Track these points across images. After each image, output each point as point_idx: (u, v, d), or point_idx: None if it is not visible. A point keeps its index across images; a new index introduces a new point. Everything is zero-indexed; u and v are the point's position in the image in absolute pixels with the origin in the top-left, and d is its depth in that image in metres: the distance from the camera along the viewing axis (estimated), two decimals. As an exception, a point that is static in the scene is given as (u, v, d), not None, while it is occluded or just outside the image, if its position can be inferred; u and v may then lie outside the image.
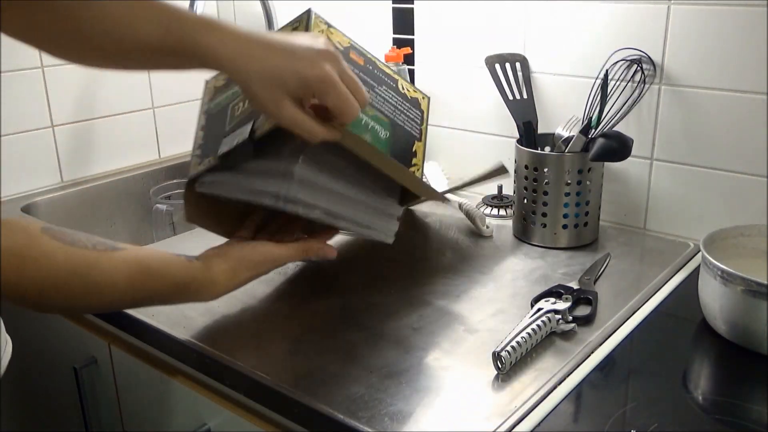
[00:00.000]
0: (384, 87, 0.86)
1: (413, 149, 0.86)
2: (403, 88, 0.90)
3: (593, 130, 0.96)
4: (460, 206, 1.12)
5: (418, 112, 0.90)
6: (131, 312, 0.85)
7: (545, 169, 0.97)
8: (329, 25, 0.85)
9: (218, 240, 0.81)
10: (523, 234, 1.03)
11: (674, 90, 0.97)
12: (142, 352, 0.90)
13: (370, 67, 0.86)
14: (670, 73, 0.97)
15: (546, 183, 0.97)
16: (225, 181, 0.80)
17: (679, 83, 0.97)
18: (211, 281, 0.75)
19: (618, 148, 0.93)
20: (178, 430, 0.87)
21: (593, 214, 1.00)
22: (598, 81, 0.97)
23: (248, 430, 0.76)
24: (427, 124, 0.91)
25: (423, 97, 0.94)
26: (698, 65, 0.95)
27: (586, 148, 0.96)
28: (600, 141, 0.93)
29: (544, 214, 0.99)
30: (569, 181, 0.96)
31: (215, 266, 0.76)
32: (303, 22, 0.84)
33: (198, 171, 0.81)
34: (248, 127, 0.76)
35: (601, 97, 0.95)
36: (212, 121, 0.85)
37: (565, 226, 0.98)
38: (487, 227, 1.06)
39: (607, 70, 0.97)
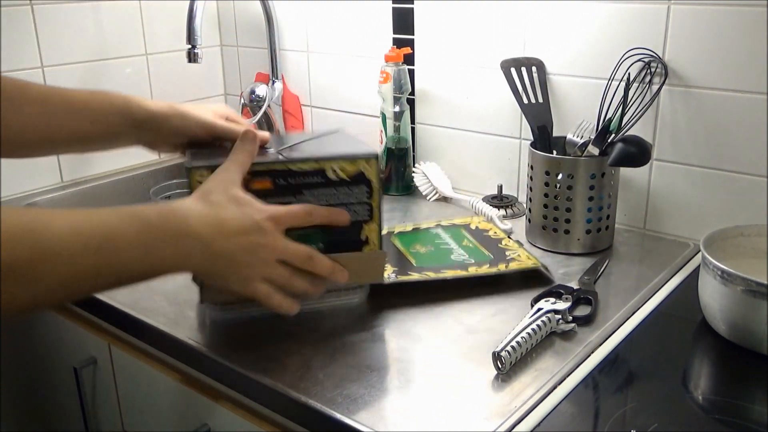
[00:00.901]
0: (306, 191, 0.76)
1: (362, 237, 0.79)
2: (334, 173, 0.76)
3: (612, 135, 0.94)
4: (472, 205, 1.13)
5: (363, 188, 0.77)
6: (131, 312, 0.85)
7: (566, 174, 0.95)
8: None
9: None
10: (540, 241, 1.00)
11: (674, 90, 0.97)
12: (142, 352, 0.90)
13: (281, 181, 0.75)
14: (670, 73, 0.97)
15: (569, 188, 0.95)
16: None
17: (679, 83, 0.97)
18: (182, 207, 0.65)
19: (638, 153, 0.92)
20: (178, 430, 0.87)
21: (612, 218, 0.99)
22: (614, 83, 0.96)
23: (248, 430, 0.76)
24: (380, 189, 0.79)
25: (368, 161, 0.77)
26: (698, 65, 0.95)
27: (604, 152, 0.95)
28: (619, 146, 0.92)
29: (567, 221, 0.96)
30: (593, 186, 0.95)
31: (188, 198, 0.68)
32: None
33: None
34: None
35: (623, 102, 0.93)
36: None
37: (588, 231, 0.97)
38: (505, 224, 1.06)
39: (629, 75, 0.96)
